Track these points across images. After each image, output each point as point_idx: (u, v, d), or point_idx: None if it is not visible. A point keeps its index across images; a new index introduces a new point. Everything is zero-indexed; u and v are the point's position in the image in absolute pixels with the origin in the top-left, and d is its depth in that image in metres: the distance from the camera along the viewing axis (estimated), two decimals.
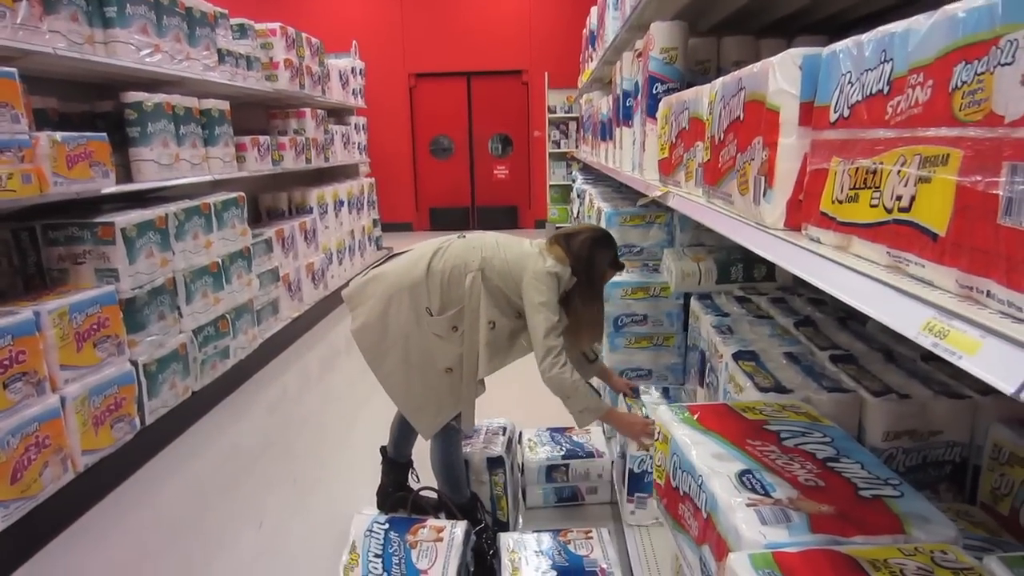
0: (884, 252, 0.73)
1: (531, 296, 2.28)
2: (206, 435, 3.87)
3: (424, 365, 2.38)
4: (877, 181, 0.75)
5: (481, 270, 2.33)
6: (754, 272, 2.67)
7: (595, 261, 2.38)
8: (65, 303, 2.88)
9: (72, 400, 2.87)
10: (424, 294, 2.34)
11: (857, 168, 0.80)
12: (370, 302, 2.39)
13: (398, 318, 2.35)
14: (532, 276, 2.29)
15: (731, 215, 1.28)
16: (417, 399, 2.42)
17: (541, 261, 2.31)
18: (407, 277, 2.36)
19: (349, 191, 7.19)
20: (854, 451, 1.33)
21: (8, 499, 2.54)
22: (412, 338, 2.36)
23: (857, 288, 0.73)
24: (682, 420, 1.51)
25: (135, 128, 3.67)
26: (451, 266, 2.35)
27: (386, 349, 2.38)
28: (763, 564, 1.01)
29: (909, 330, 0.60)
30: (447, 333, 2.35)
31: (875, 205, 0.75)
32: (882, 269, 0.73)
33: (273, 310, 5.19)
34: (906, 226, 0.68)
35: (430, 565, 2.16)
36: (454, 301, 2.34)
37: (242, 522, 2.96)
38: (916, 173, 0.66)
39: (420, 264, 2.37)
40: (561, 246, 2.37)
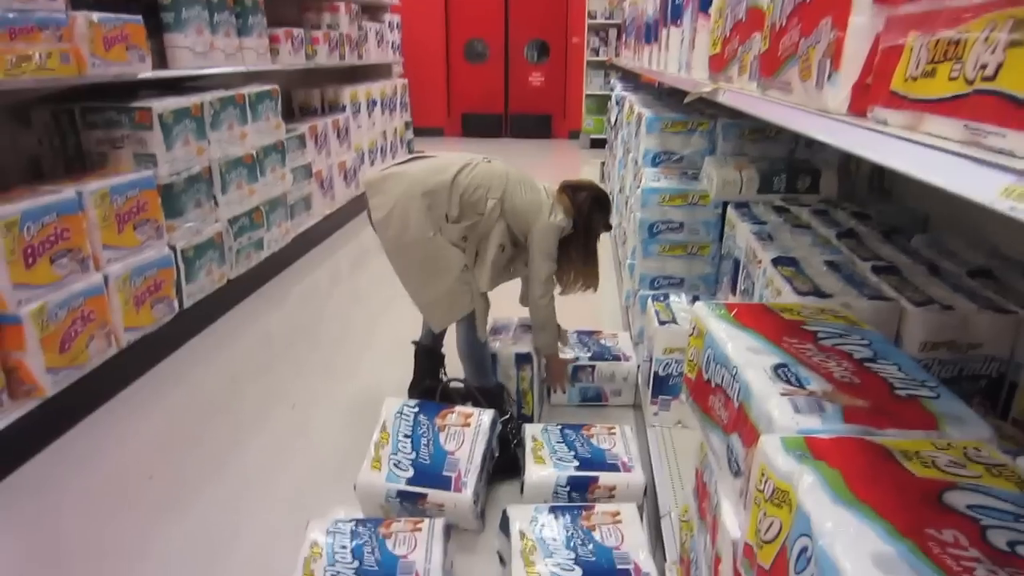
0: (960, 127, 0.71)
1: (540, 244, 2.53)
2: (240, 322, 3.97)
3: (439, 266, 2.47)
4: (959, 52, 0.72)
5: (501, 200, 2.50)
6: (798, 183, 2.62)
7: (592, 220, 2.67)
8: (106, 184, 2.92)
9: (115, 278, 2.96)
10: (445, 200, 2.44)
11: (937, 40, 0.77)
12: (393, 195, 2.44)
13: (420, 217, 2.41)
14: (543, 227, 2.52)
15: (789, 104, 1.25)
16: (431, 294, 2.53)
17: (551, 215, 2.54)
18: (432, 180, 2.44)
19: (382, 91, 7.09)
20: (892, 354, 1.33)
21: (58, 367, 2.65)
22: (430, 239, 2.43)
23: (928, 161, 0.71)
24: (719, 316, 1.51)
25: (169, 13, 3.61)
26: (476, 184, 2.48)
27: (406, 244, 2.45)
28: (795, 446, 1.02)
29: (985, 197, 0.59)
30: (458, 241, 2.48)
31: (955, 78, 0.72)
32: (956, 144, 0.71)
33: (306, 206, 5.22)
34: (988, 95, 0.66)
35: (457, 447, 2.25)
36: (470, 216, 2.48)
37: (275, 403, 3.07)
38: (1007, 37, 0.63)
39: (447, 172, 2.46)
40: (568, 196, 2.63)
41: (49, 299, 2.60)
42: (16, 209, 2.47)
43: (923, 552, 0.80)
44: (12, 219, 2.44)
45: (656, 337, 2.49)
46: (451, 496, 2.14)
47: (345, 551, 1.83)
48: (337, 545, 1.85)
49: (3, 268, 2.42)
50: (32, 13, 2.55)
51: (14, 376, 2.55)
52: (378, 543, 1.86)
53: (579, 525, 1.92)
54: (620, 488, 2.19)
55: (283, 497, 2.44)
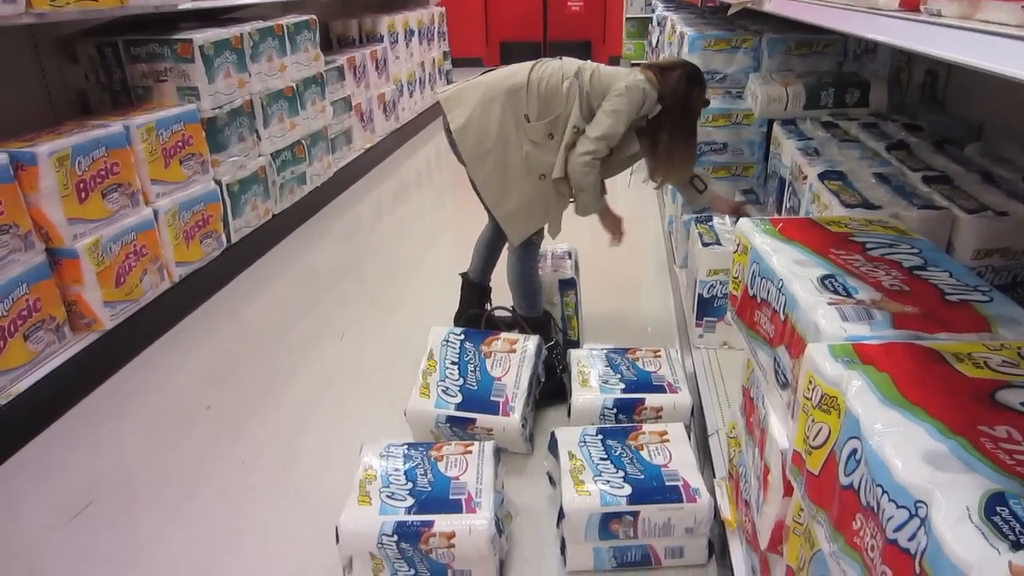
0: (1017, 9, 0.68)
1: (610, 100, 2.33)
2: (286, 256, 4.05)
3: (520, 171, 2.42)
4: None
5: (577, 76, 2.37)
6: (846, 97, 2.53)
7: (691, 98, 2.40)
8: (152, 119, 2.96)
9: (164, 213, 3.02)
10: (523, 100, 2.38)
11: None
12: (471, 104, 2.40)
13: (500, 121, 2.37)
14: (622, 85, 2.32)
15: (838, 5, 1.20)
16: (511, 204, 2.47)
17: (635, 75, 2.35)
18: (507, 83, 2.39)
19: (419, 20, 6.97)
20: (943, 261, 1.30)
21: (115, 300, 2.75)
22: (511, 143, 2.39)
23: (984, 48, 0.68)
24: (764, 231, 1.49)
25: None
26: (549, 74, 2.39)
27: (486, 151, 2.40)
28: (842, 353, 1.02)
29: None
30: (543, 140, 2.39)
31: None
32: (1014, 28, 0.68)
33: (346, 140, 5.23)
34: None
35: (503, 373, 2.28)
36: (552, 109, 2.38)
37: (323, 334, 3.15)
38: None
39: (520, 73, 2.41)
40: (655, 73, 2.38)
41: (103, 233, 2.68)
42: (67, 144, 2.52)
43: (975, 448, 0.80)
44: (64, 153, 2.50)
45: (700, 258, 2.47)
46: (499, 420, 2.19)
47: (399, 473, 1.88)
48: (391, 468, 1.89)
49: (57, 203, 2.49)
50: None
51: (74, 310, 2.65)
52: (430, 465, 1.90)
53: (627, 445, 1.94)
54: (667, 409, 2.21)
55: (335, 424, 2.52)
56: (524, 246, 2.55)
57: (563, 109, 2.37)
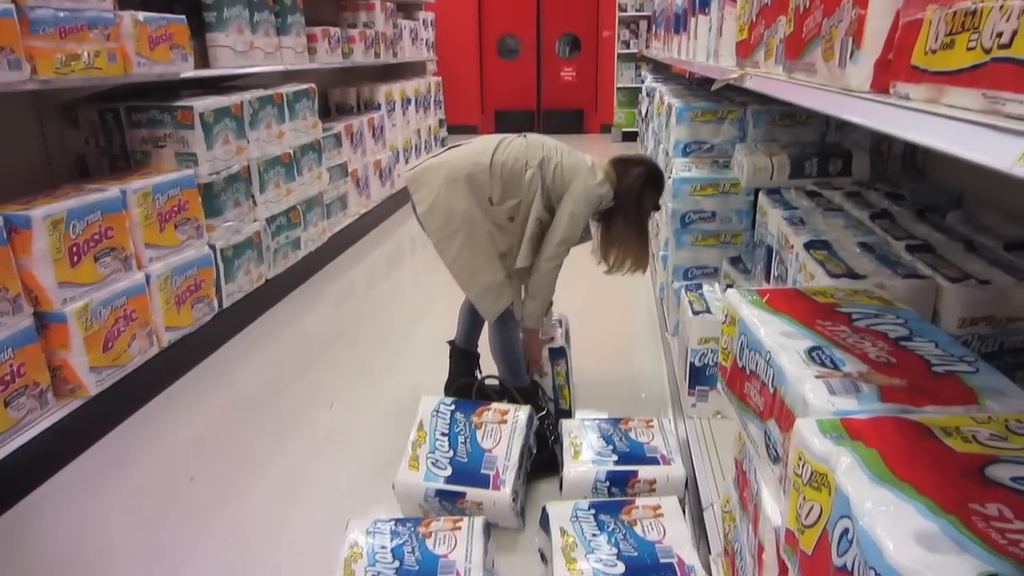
0: (979, 96, 0.70)
1: (568, 204, 2.43)
2: (278, 322, 4.04)
3: (489, 250, 2.45)
4: (976, 22, 0.71)
5: (540, 168, 2.43)
6: (829, 167, 2.58)
7: (643, 199, 2.54)
8: (148, 183, 2.99)
9: (156, 278, 3.03)
10: (487, 183, 2.42)
11: (955, 12, 0.76)
12: (435, 185, 2.43)
13: (464, 203, 2.40)
14: (577, 189, 2.42)
15: (813, 85, 1.24)
16: (482, 282, 2.48)
17: (592, 177, 2.44)
18: (470, 164, 2.43)
19: (416, 89, 7.14)
20: (928, 331, 1.31)
21: (101, 366, 2.73)
22: (476, 224, 2.42)
23: (946, 132, 0.70)
24: (751, 302, 1.50)
25: (212, 12, 3.70)
26: (513, 159, 2.44)
27: (453, 231, 2.43)
28: (831, 429, 1.01)
29: (1003, 163, 0.58)
30: (505, 223, 2.46)
31: (972, 48, 0.72)
32: (976, 113, 0.70)
33: (342, 205, 5.29)
34: (1005, 63, 0.65)
35: (494, 445, 2.25)
36: (514, 193, 2.44)
37: (313, 403, 3.11)
38: (1020, 5, 0.63)
39: (484, 154, 2.45)
40: (616, 171, 2.51)
41: (93, 298, 2.68)
42: (63, 207, 2.54)
43: (967, 527, 0.79)
44: (58, 217, 2.52)
45: (690, 327, 2.47)
46: (490, 494, 2.14)
47: (385, 551, 1.83)
48: (377, 545, 1.85)
49: (49, 266, 2.49)
50: (82, 12, 2.63)
51: (59, 375, 2.62)
52: (418, 542, 1.86)
53: (620, 520, 1.90)
54: (660, 481, 2.17)
55: (322, 498, 2.47)
56: (502, 315, 2.55)
57: (524, 196, 2.44)
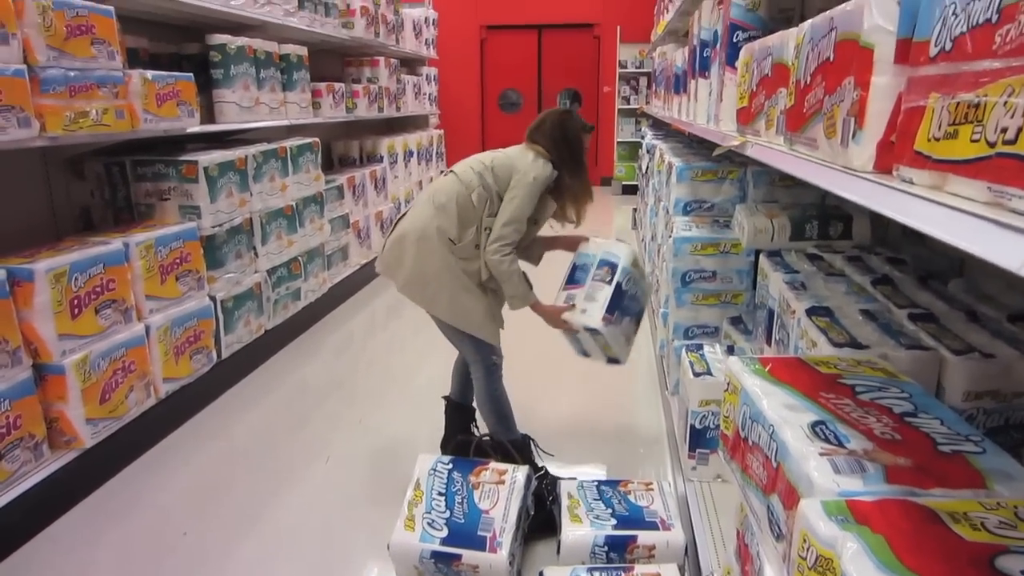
0: (984, 188, 0.71)
1: (512, 190, 2.51)
2: (277, 372, 4.02)
3: (467, 287, 2.53)
4: (980, 115, 0.72)
5: (481, 185, 2.53)
6: (830, 230, 2.59)
7: (568, 135, 2.63)
8: (151, 236, 3.01)
9: (156, 329, 3.02)
10: (443, 228, 2.49)
11: (958, 103, 0.77)
12: (403, 261, 2.55)
13: (431, 259, 2.49)
14: (521, 175, 2.52)
15: (815, 160, 1.25)
16: (477, 317, 2.55)
17: (525, 158, 2.56)
18: (421, 223, 2.53)
19: (418, 142, 7.24)
20: (933, 407, 1.30)
21: (97, 418, 2.70)
22: (450, 269, 2.50)
23: (954, 225, 0.71)
24: (753, 371, 1.49)
25: (219, 70, 3.77)
26: (455, 193, 2.53)
27: (434, 291, 2.52)
28: (836, 511, 0.99)
29: (1012, 263, 0.58)
30: (472, 253, 2.53)
31: (976, 140, 0.72)
32: (981, 206, 0.70)
33: (343, 256, 5.31)
34: (1010, 159, 0.65)
35: (491, 506, 2.22)
36: (468, 222, 2.51)
37: (310, 456, 3.08)
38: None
39: (426, 207, 2.55)
40: (538, 142, 2.61)
41: (92, 349, 2.67)
42: (66, 260, 2.56)
43: None
44: (61, 270, 2.52)
45: (691, 389, 2.46)
46: (486, 557, 2.11)
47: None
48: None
49: (50, 319, 2.49)
50: (92, 72, 2.67)
51: (54, 427, 2.60)
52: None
53: None
54: (660, 547, 2.14)
55: (316, 557, 2.42)
56: (486, 369, 2.60)
57: (482, 219, 2.52)
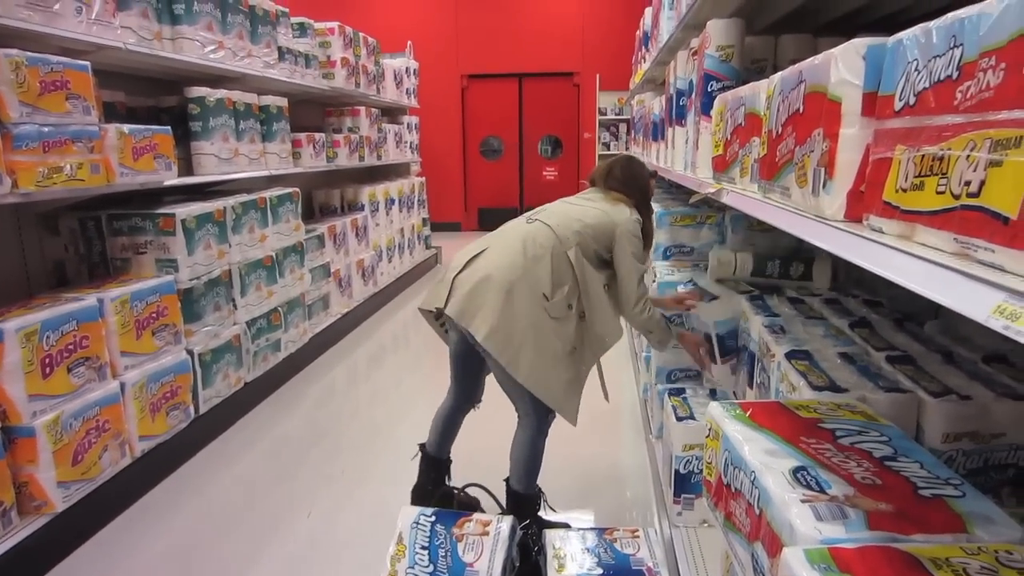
0: (951, 239, 0.72)
1: (624, 247, 2.49)
2: (257, 426, 3.95)
3: (556, 351, 2.37)
4: (944, 167, 0.74)
5: (578, 244, 2.45)
6: (791, 270, 2.67)
7: (639, 180, 2.71)
8: (127, 291, 2.97)
9: (131, 386, 2.97)
10: (536, 282, 2.37)
11: (923, 155, 0.79)
12: (486, 309, 2.34)
13: (521, 311, 2.34)
14: (624, 230, 2.49)
15: (788, 208, 1.26)
16: (558, 389, 2.38)
17: (621, 213, 2.54)
18: (510, 272, 2.37)
19: (400, 189, 7.28)
20: (913, 451, 1.30)
21: (69, 480, 2.63)
22: (538, 327, 2.35)
23: (923, 275, 0.71)
24: (734, 417, 1.49)
25: (197, 122, 3.78)
26: (550, 246, 2.42)
27: (517, 348, 2.32)
28: (819, 559, 0.99)
29: (979, 314, 0.59)
30: (564, 313, 2.40)
31: (942, 192, 0.74)
32: (949, 256, 0.71)
33: (324, 305, 5.28)
34: (975, 211, 0.67)
35: (476, 558, 2.17)
36: (564, 279, 2.41)
37: (292, 512, 3.01)
38: (986, 157, 0.65)
39: (517, 256, 2.40)
40: (617, 190, 2.66)
41: (64, 409, 2.60)
42: (36, 319, 2.50)
43: None
44: (32, 329, 2.47)
45: (674, 433, 2.45)
46: None
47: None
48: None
49: (20, 379, 2.43)
50: (67, 127, 2.65)
51: (24, 491, 2.51)
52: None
53: None
54: None
55: None
56: (538, 426, 2.48)
57: (577, 276, 2.43)
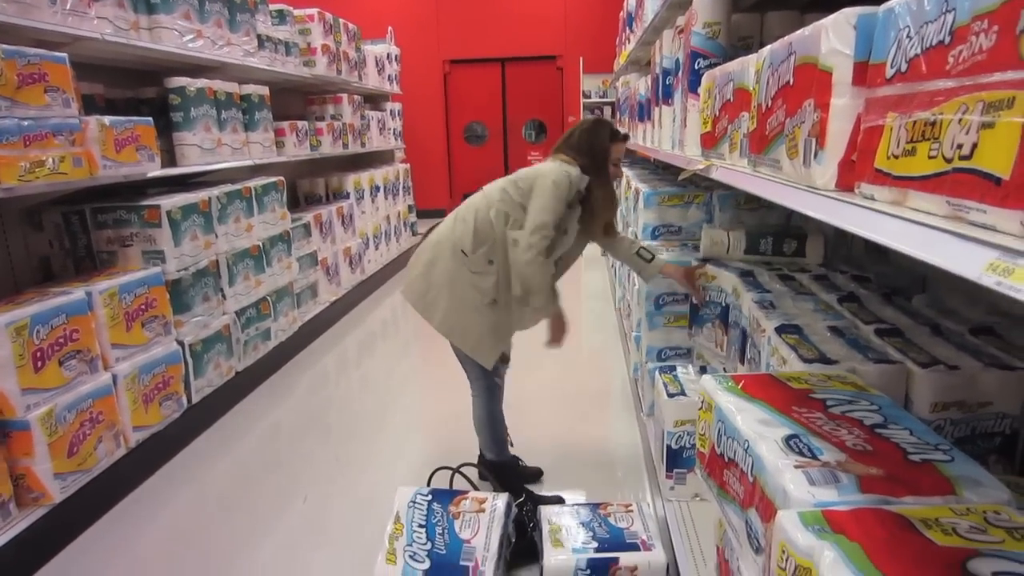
0: (943, 202, 0.73)
1: (536, 196, 2.51)
2: (249, 414, 3.96)
3: (473, 301, 2.56)
4: (936, 132, 0.75)
5: (501, 199, 2.57)
6: (784, 246, 2.67)
7: (595, 144, 2.63)
8: (115, 284, 2.96)
9: (123, 378, 2.96)
10: (458, 241, 2.57)
11: (915, 121, 0.80)
12: (414, 267, 2.68)
13: (441, 268, 2.59)
14: (543, 180, 2.52)
15: (779, 180, 1.28)
16: (473, 334, 2.58)
17: (555, 166, 2.57)
18: (439, 235, 2.68)
19: (385, 177, 7.25)
20: (902, 418, 1.32)
21: (65, 471, 2.63)
22: (456, 281, 2.56)
23: (915, 237, 0.73)
24: (726, 388, 1.51)
25: (179, 113, 3.74)
26: (475, 207, 2.61)
27: (432, 299, 2.59)
28: (813, 521, 1.01)
29: (971, 272, 0.60)
30: (483, 268, 2.56)
31: (934, 156, 0.75)
32: (941, 219, 0.73)
33: (312, 293, 5.27)
34: (967, 174, 0.68)
35: (473, 535, 2.21)
36: (486, 237, 2.55)
37: (287, 497, 3.03)
38: (979, 120, 0.66)
39: (449, 221, 2.67)
40: (563, 152, 2.65)
41: (58, 402, 2.60)
42: (25, 313, 2.49)
43: None
44: (21, 323, 2.46)
45: (666, 410, 2.47)
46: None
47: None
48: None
49: (12, 373, 2.43)
50: (47, 120, 2.63)
51: (21, 484, 2.52)
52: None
53: None
54: (641, 568, 2.14)
55: None
56: (487, 386, 2.66)
57: (496, 234, 2.54)
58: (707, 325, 2.65)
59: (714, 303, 2.57)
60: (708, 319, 2.62)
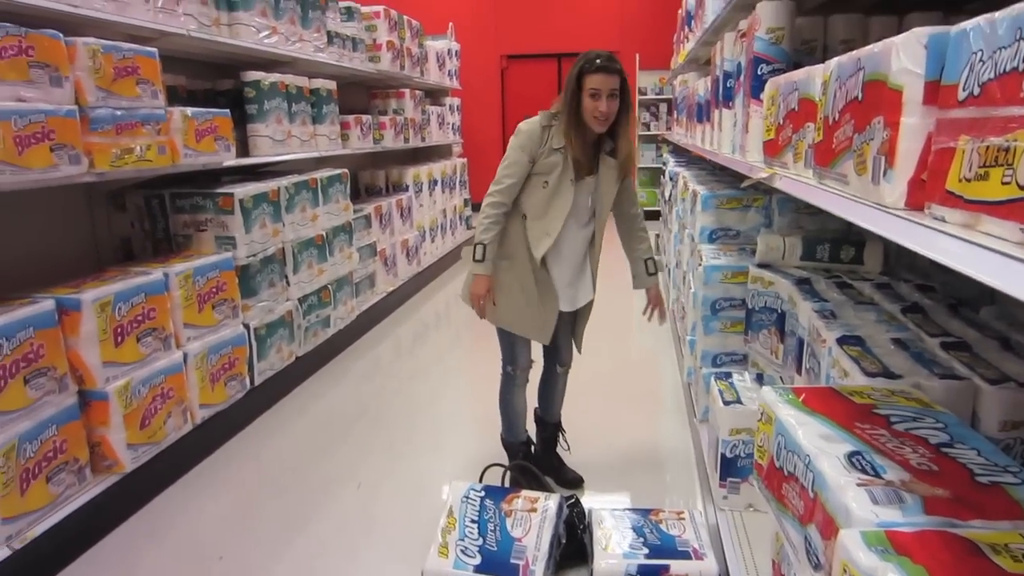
0: (1017, 229, 0.74)
1: None
2: (307, 399, 4.08)
3: None
4: (1010, 159, 0.76)
5: None
6: (841, 253, 2.63)
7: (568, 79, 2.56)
8: (190, 267, 3.10)
9: (193, 356, 3.10)
10: None
11: (988, 146, 0.81)
12: None
13: None
14: None
15: (846, 195, 1.28)
16: None
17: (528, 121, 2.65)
18: None
19: (443, 171, 7.35)
20: (969, 437, 1.30)
21: (137, 443, 2.77)
22: None
23: (987, 264, 0.74)
24: (787, 402, 1.51)
25: (253, 105, 3.88)
26: None
27: None
28: (876, 542, 1.01)
29: None
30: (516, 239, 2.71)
31: (1007, 183, 0.76)
32: (1014, 246, 0.74)
33: (370, 283, 5.39)
34: None
35: (524, 534, 2.24)
36: None
37: (340, 482, 3.12)
38: None
39: None
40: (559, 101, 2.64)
41: (134, 376, 2.74)
42: (110, 291, 2.64)
43: None
44: (106, 300, 2.61)
45: (721, 418, 2.46)
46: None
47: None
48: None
49: (95, 347, 2.57)
50: (137, 110, 2.79)
51: (97, 451, 2.67)
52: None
53: None
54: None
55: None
56: (503, 374, 2.83)
57: None
58: (762, 332, 2.64)
59: (769, 309, 2.56)
60: (764, 325, 2.61)
